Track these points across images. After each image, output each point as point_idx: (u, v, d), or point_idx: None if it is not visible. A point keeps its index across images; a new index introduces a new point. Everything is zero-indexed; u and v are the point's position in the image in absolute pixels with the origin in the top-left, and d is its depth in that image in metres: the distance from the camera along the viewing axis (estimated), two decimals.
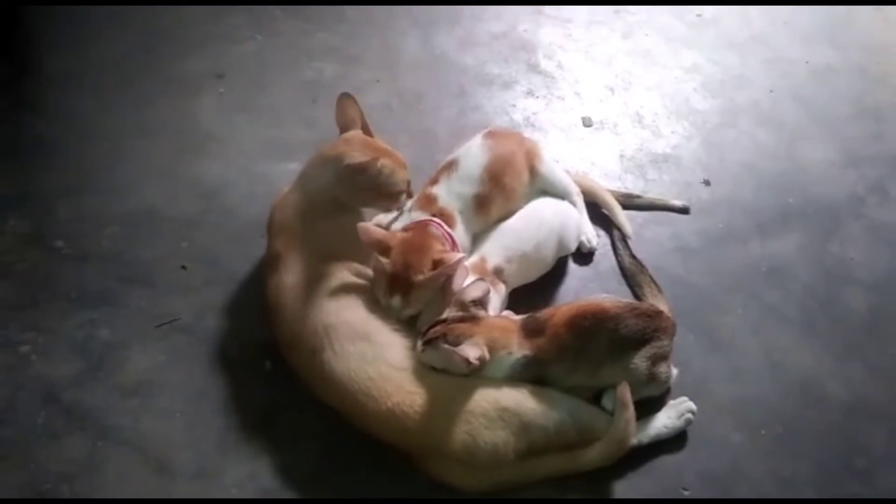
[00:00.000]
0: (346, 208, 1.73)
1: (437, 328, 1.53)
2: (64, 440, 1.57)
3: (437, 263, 1.59)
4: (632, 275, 1.90)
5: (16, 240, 1.90)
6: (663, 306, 1.71)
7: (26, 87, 2.29)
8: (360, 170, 1.64)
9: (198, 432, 1.60)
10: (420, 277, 1.58)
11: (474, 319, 1.54)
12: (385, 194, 1.72)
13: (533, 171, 1.89)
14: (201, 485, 1.53)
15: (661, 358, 1.60)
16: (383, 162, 1.67)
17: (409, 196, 1.78)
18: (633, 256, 1.92)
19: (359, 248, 1.66)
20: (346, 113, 1.77)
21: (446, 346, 1.48)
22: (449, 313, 1.56)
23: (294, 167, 1.88)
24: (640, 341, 1.57)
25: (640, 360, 1.56)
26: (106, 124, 2.20)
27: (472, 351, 1.46)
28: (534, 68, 2.49)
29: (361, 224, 1.62)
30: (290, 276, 1.64)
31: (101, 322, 1.76)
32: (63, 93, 2.28)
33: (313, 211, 1.70)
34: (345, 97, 1.77)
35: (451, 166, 1.81)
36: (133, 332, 1.75)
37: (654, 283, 1.84)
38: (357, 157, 1.65)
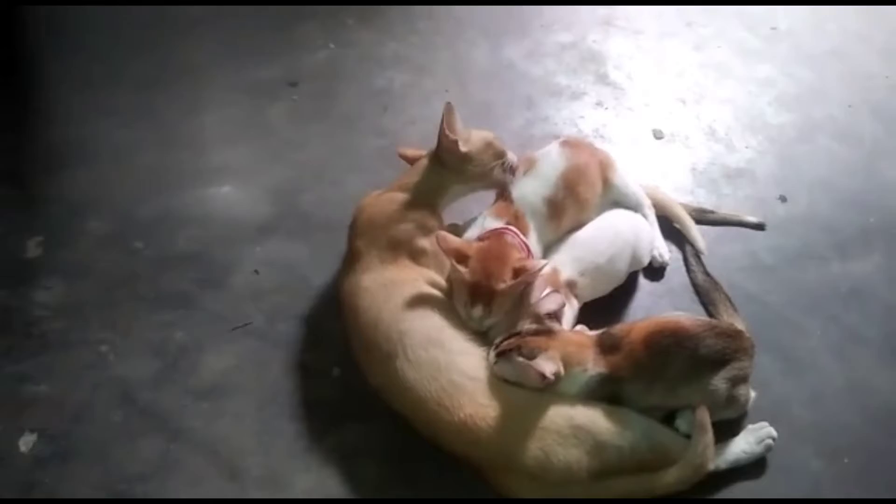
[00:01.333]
0: (434, 212, 1.74)
1: (512, 340, 1.51)
2: (139, 440, 1.60)
3: (517, 272, 1.58)
4: (705, 292, 1.85)
5: (96, 241, 1.95)
6: (740, 325, 1.67)
7: (106, 90, 2.35)
8: (457, 141, 1.70)
9: (268, 437, 1.61)
10: (502, 286, 1.56)
11: (550, 333, 1.52)
12: (485, 151, 1.76)
13: (606, 182, 1.86)
14: (271, 491, 1.53)
15: (741, 380, 1.55)
16: (474, 135, 1.75)
17: (512, 171, 1.79)
18: (707, 273, 1.87)
19: (438, 255, 1.67)
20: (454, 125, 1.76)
21: (521, 359, 1.46)
22: (522, 326, 1.54)
23: (366, 174, 1.89)
24: (720, 362, 1.53)
25: (719, 382, 1.52)
26: (183, 128, 2.25)
27: (548, 366, 1.44)
28: (603, 79, 2.46)
29: (440, 232, 1.62)
30: (367, 278, 1.64)
31: (176, 324, 1.79)
32: (141, 97, 2.33)
33: (404, 208, 1.71)
34: (449, 108, 1.75)
35: (528, 164, 1.81)
36: (207, 334, 1.77)
37: (730, 301, 1.79)
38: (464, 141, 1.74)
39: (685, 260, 1.94)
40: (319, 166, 2.15)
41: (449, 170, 1.76)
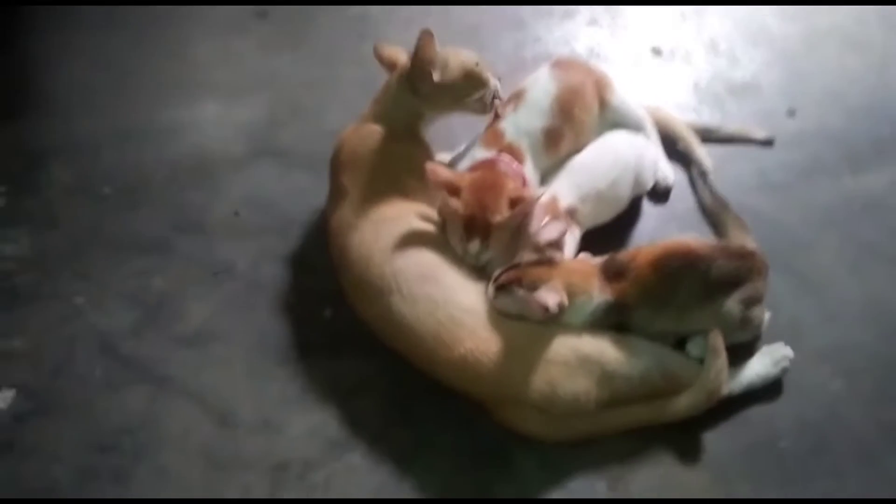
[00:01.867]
0: (419, 141, 1.63)
1: (511, 272, 1.42)
2: (123, 392, 1.53)
3: (514, 202, 1.48)
4: (714, 213, 1.75)
5: (61, 188, 1.85)
6: (752, 246, 1.58)
7: (65, 30, 2.21)
8: (432, 58, 1.57)
9: (259, 382, 1.54)
10: (499, 218, 1.47)
11: (551, 263, 1.43)
12: (465, 78, 1.62)
13: (603, 103, 1.75)
14: (266, 437, 1.47)
15: (754, 301, 1.47)
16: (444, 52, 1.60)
17: (493, 103, 1.66)
18: (715, 194, 1.77)
19: (428, 188, 1.56)
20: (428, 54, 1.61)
21: (522, 291, 1.38)
22: (522, 257, 1.45)
23: (344, 106, 1.78)
24: (732, 284, 1.44)
25: (732, 304, 1.44)
26: (146, 67, 2.12)
27: (551, 297, 1.35)
28: None
29: (429, 164, 1.52)
30: (355, 215, 1.55)
31: (154, 271, 1.70)
32: (100, 36, 2.20)
33: (386, 142, 1.60)
34: (426, 34, 1.59)
35: (517, 98, 1.69)
36: (188, 280, 1.68)
37: (740, 221, 1.69)
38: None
39: (691, 182, 1.84)
40: (296, 100, 2.03)
41: (421, 97, 1.63)
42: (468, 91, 1.62)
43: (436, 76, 1.59)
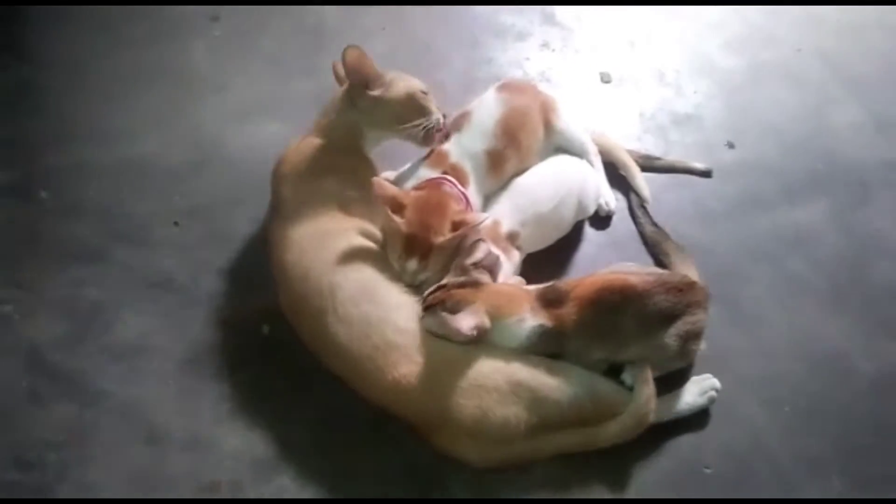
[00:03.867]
0: (362, 161, 1.63)
1: (438, 293, 1.43)
2: (50, 406, 1.49)
3: (456, 225, 1.49)
4: (655, 243, 1.79)
5: None
6: (693, 273, 1.61)
7: (10, 30, 2.15)
8: (371, 76, 1.59)
9: (191, 400, 1.51)
10: (441, 240, 1.47)
11: (476, 285, 1.44)
12: (406, 104, 1.62)
13: (549, 126, 1.77)
14: (195, 455, 1.45)
15: (693, 334, 1.50)
16: (392, 73, 1.61)
17: (442, 132, 1.66)
18: (655, 224, 1.81)
19: (369, 204, 1.57)
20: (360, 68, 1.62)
21: (444, 313, 1.38)
22: (450, 278, 1.46)
23: (295, 118, 1.76)
24: (670, 318, 1.47)
25: (669, 339, 1.47)
26: (94, 69, 2.07)
27: (468, 320, 1.37)
28: (549, 19, 2.34)
29: (376, 178, 1.52)
30: (295, 230, 1.53)
31: (88, 280, 1.66)
32: (49, 36, 2.14)
33: (328, 157, 1.60)
34: (352, 49, 1.60)
35: (462, 119, 1.70)
36: (123, 291, 1.65)
37: (680, 248, 1.73)
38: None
39: (630, 211, 1.88)
40: (244, 110, 2.00)
41: (361, 112, 1.63)
42: (408, 115, 1.62)
43: (375, 91, 1.60)
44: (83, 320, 1.60)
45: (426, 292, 1.45)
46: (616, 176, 1.92)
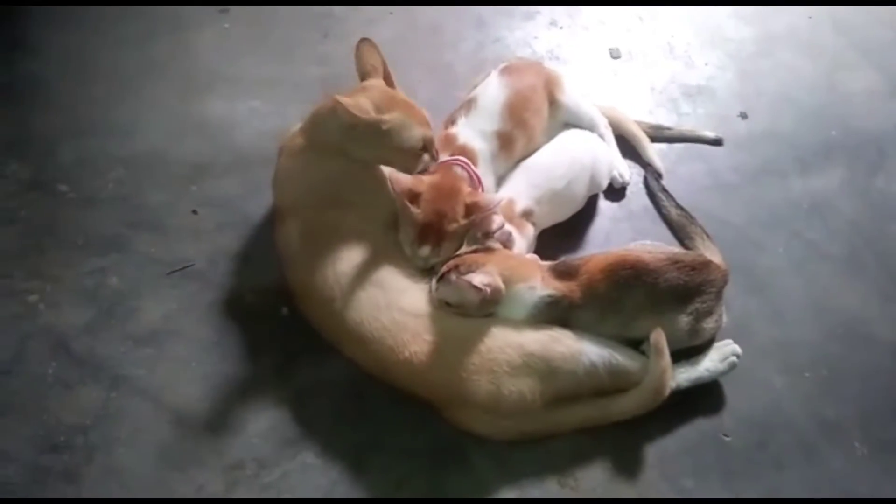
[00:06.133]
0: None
1: (451, 262, 1.45)
2: (77, 391, 1.51)
3: (469, 208, 1.50)
4: (680, 227, 1.77)
5: (17, 185, 1.81)
6: (715, 256, 1.60)
7: (21, 25, 2.17)
8: (363, 124, 1.47)
9: (215, 382, 1.54)
10: (454, 226, 1.49)
11: (488, 250, 1.47)
12: (397, 152, 1.54)
13: (554, 103, 1.77)
14: (220, 435, 1.47)
15: (705, 314, 1.50)
16: (393, 118, 1.49)
17: (433, 158, 1.59)
18: (680, 206, 1.79)
19: (364, 195, 1.57)
20: (367, 61, 1.60)
21: (455, 276, 1.40)
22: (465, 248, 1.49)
23: (305, 105, 1.77)
24: (682, 296, 1.47)
25: (681, 317, 1.47)
26: (106, 62, 2.09)
27: (480, 277, 1.38)
28: None
29: (391, 172, 1.51)
30: (296, 225, 1.55)
31: (110, 269, 1.68)
32: (60, 30, 2.16)
33: (316, 157, 1.58)
34: (364, 43, 1.60)
35: (469, 104, 1.71)
36: (144, 279, 1.67)
37: (705, 232, 1.72)
38: (363, 112, 1.46)
39: (651, 194, 1.86)
40: (255, 98, 2.02)
41: (349, 140, 1.52)
42: (396, 162, 1.56)
43: (358, 111, 1.45)
44: (106, 307, 1.62)
45: (441, 266, 1.47)
46: (630, 148, 1.92)
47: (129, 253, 1.71)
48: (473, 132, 1.66)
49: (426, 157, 1.57)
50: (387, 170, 1.55)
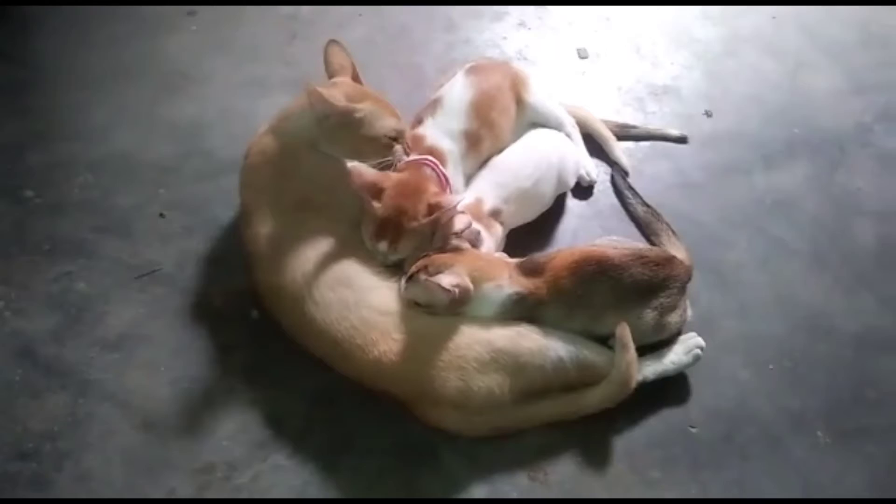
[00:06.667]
0: (319, 155, 1.60)
1: (420, 262, 1.46)
2: (44, 397, 1.50)
3: (432, 208, 1.50)
4: (647, 224, 1.79)
5: None
6: (680, 252, 1.63)
7: None
8: (337, 113, 1.51)
9: (184, 386, 1.53)
10: (414, 224, 1.49)
11: (457, 250, 1.48)
12: (370, 142, 1.56)
13: (520, 102, 1.79)
14: (190, 439, 1.46)
15: (670, 308, 1.52)
16: (365, 107, 1.53)
17: (405, 149, 1.61)
18: (646, 204, 1.81)
19: (333, 195, 1.57)
20: (335, 61, 1.63)
21: (424, 276, 1.41)
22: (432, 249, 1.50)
23: (273, 107, 1.77)
24: (646, 291, 1.49)
25: (646, 311, 1.49)
26: (74, 66, 2.09)
27: (448, 278, 1.39)
28: None
29: (353, 166, 1.52)
30: (263, 227, 1.54)
31: (77, 274, 1.67)
32: (29, 34, 2.15)
33: (286, 157, 1.58)
34: (332, 44, 1.63)
35: (434, 105, 1.71)
36: (111, 284, 1.66)
37: (671, 229, 1.74)
38: (338, 100, 1.51)
39: (618, 192, 1.88)
40: (223, 100, 2.02)
41: (320, 131, 1.55)
42: (366, 153, 1.58)
43: (332, 98, 1.50)
44: (73, 313, 1.61)
45: (409, 266, 1.47)
46: (597, 147, 1.94)
47: (95, 258, 1.70)
48: (441, 132, 1.67)
49: (398, 148, 1.58)
50: (350, 164, 1.54)
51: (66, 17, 2.20)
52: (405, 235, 1.50)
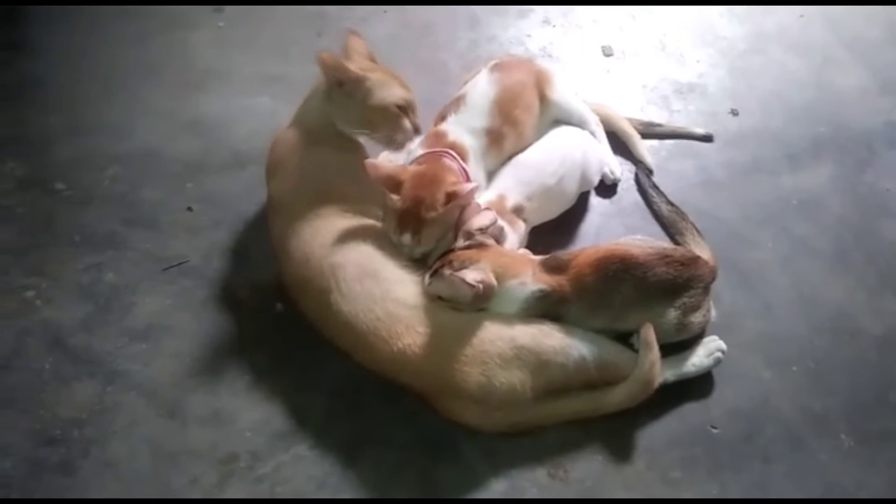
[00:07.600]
0: (344, 145, 1.63)
1: (444, 257, 1.47)
2: (73, 385, 1.53)
3: (450, 197, 1.51)
4: (672, 223, 1.79)
5: (15, 183, 1.84)
6: (705, 253, 1.62)
7: (18, 26, 2.19)
8: (347, 79, 1.55)
9: (209, 376, 1.55)
10: (432, 214, 1.50)
11: (481, 246, 1.48)
12: (379, 111, 1.58)
13: (544, 100, 1.79)
14: (214, 429, 1.48)
15: (693, 308, 1.51)
16: (374, 76, 1.57)
17: (417, 130, 1.64)
18: (671, 203, 1.81)
19: (359, 187, 1.58)
20: (353, 49, 1.65)
21: (448, 272, 1.41)
22: (456, 245, 1.50)
23: (298, 104, 1.79)
24: (670, 291, 1.49)
25: (669, 311, 1.49)
26: (102, 62, 2.12)
27: (472, 274, 1.39)
28: None
29: (369, 161, 1.53)
30: (291, 219, 1.56)
31: (106, 266, 1.70)
32: (57, 30, 2.19)
33: (310, 148, 1.61)
34: (352, 35, 1.65)
35: (458, 102, 1.72)
36: (140, 275, 1.69)
37: (696, 228, 1.74)
38: (348, 66, 1.56)
39: (642, 191, 1.88)
40: (248, 96, 2.04)
41: (335, 108, 1.60)
42: (378, 124, 1.60)
43: (352, 69, 1.56)
44: (102, 303, 1.64)
45: (433, 261, 1.48)
46: (621, 145, 1.94)
47: (124, 249, 1.73)
48: (463, 129, 1.67)
49: (407, 123, 1.60)
50: (368, 160, 1.55)
51: (93, 14, 2.24)
52: (426, 226, 1.50)
